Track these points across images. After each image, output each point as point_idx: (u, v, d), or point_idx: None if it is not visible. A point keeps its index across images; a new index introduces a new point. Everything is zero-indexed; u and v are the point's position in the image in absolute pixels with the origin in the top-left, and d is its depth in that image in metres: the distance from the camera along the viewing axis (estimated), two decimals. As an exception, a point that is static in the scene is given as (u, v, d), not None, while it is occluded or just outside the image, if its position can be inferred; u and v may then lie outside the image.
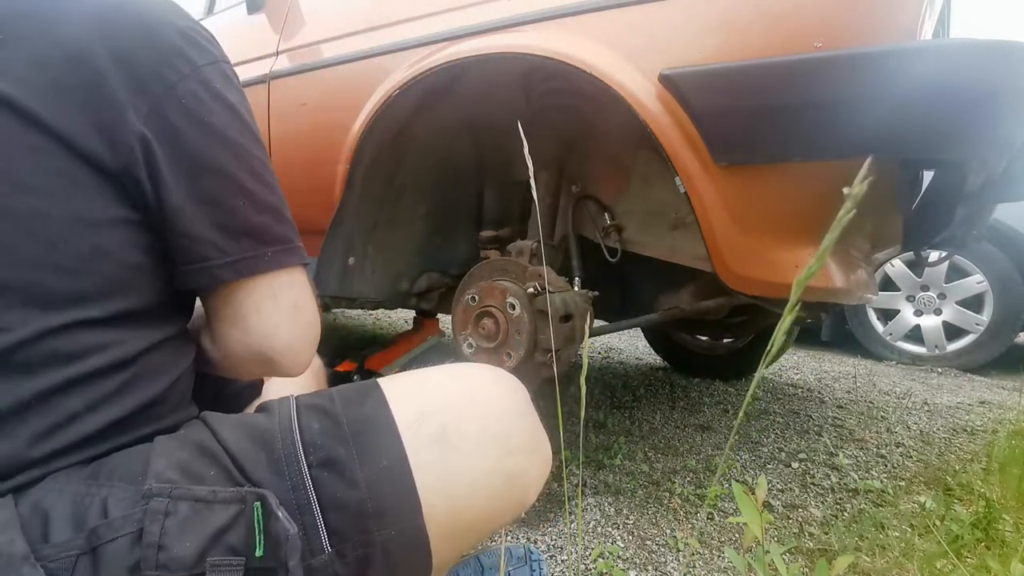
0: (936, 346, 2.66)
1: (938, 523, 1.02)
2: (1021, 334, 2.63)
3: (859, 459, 1.40)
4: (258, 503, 0.40)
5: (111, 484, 0.41)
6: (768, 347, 0.39)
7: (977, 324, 2.55)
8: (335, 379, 1.60)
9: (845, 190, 0.30)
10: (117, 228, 0.44)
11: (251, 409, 0.70)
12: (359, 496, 0.42)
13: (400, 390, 0.50)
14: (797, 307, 0.36)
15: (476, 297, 1.05)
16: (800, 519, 1.10)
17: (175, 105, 0.45)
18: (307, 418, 0.46)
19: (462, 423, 0.47)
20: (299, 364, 0.53)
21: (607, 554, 0.96)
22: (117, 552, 0.38)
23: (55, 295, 0.42)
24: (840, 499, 1.19)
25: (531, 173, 0.59)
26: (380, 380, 0.51)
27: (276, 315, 0.51)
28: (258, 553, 0.39)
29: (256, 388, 0.74)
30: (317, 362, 0.83)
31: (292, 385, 0.73)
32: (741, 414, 0.42)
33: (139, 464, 0.42)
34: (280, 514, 0.39)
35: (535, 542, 1.00)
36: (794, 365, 2.58)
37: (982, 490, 1.14)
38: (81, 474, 0.42)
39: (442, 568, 0.50)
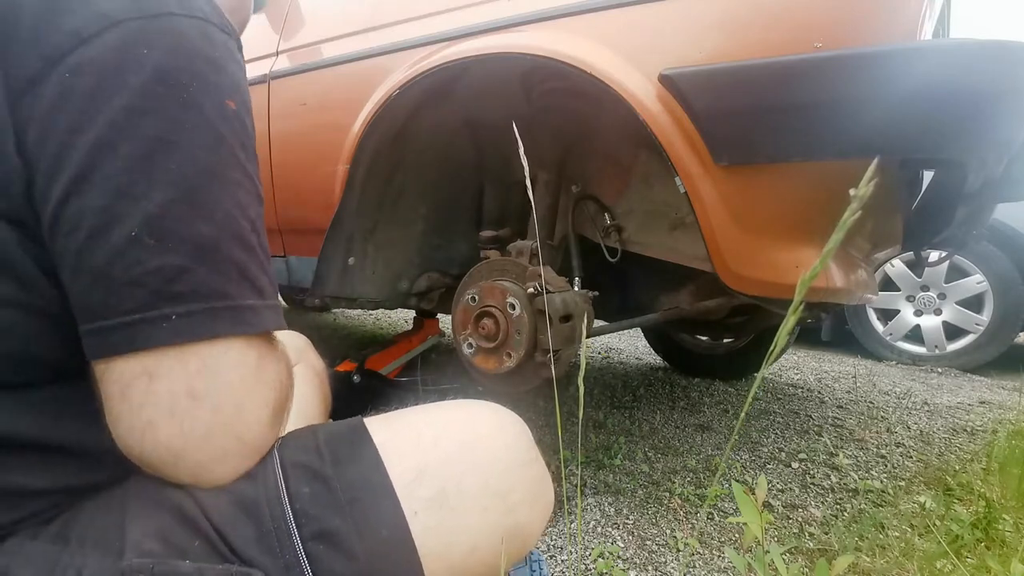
0: (936, 346, 2.66)
1: (938, 523, 1.02)
2: (1021, 334, 2.63)
3: (859, 459, 1.40)
4: None
5: (84, 552, 0.37)
6: (772, 346, 0.39)
7: (977, 324, 2.55)
8: (335, 380, 1.60)
9: (852, 191, 0.30)
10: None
11: None
12: (359, 570, 0.39)
13: (395, 442, 0.45)
14: (800, 307, 0.36)
15: (476, 297, 1.05)
16: (800, 519, 1.10)
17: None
18: (296, 482, 0.41)
19: (462, 481, 0.44)
20: (205, 479, 0.40)
21: (607, 554, 0.96)
22: None
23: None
24: (840, 499, 1.19)
25: (527, 173, 0.59)
26: (370, 426, 0.46)
27: (148, 407, 0.37)
28: None
29: None
30: (320, 365, 0.81)
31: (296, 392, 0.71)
32: (743, 414, 0.42)
33: (113, 527, 0.38)
34: None
35: (535, 542, 1.00)
36: (794, 365, 2.58)
37: (982, 490, 1.14)
38: (47, 533, 0.38)
39: None
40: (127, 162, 0.35)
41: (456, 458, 0.45)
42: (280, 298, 0.51)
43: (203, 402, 0.38)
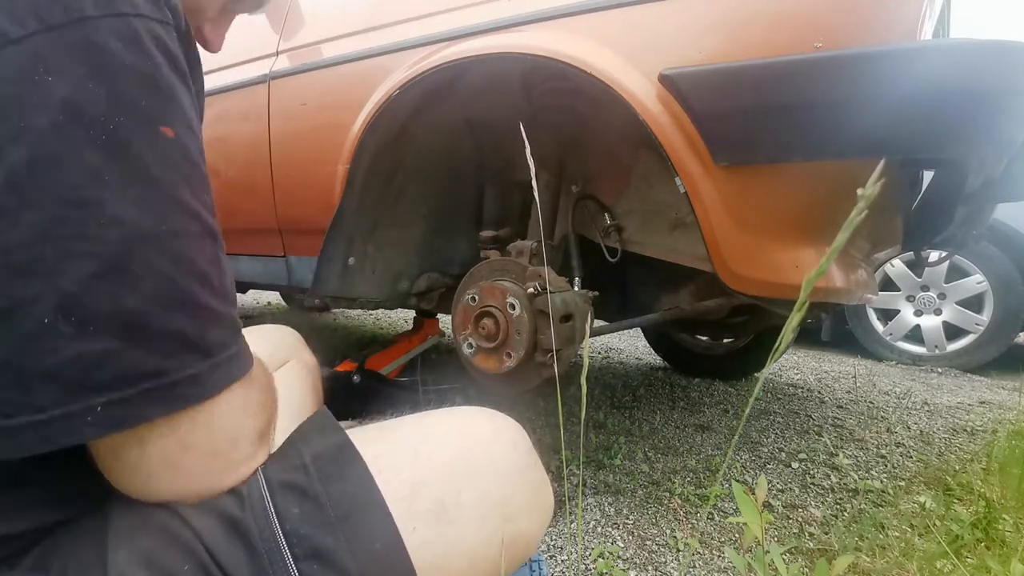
0: (936, 346, 2.66)
1: (938, 523, 1.02)
2: (1021, 334, 2.63)
3: (859, 459, 1.40)
4: None
5: None
6: (776, 345, 0.39)
7: (977, 324, 2.55)
8: (335, 379, 1.60)
9: (859, 191, 0.30)
10: None
11: None
12: None
13: (389, 457, 0.44)
14: (805, 306, 0.36)
15: (476, 297, 1.05)
16: (800, 519, 1.10)
17: None
18: (284, 502, 0.39)
19: (460, 493, 0.43)
20: (204, 496, 0.40)
21: (607, 554, 0.96)
22: None
23: None
24: (840, 499, 1.19)
25: (532, 173, 0.59)
26: (362, 439, 0.45)
27: (144, 467, 0.36)
28: None
29: None
30: (312, 361, 0.81)
31: (284, 390, 0.71)
32: (746, 414, 0.42)
33: (94, 555, 0.36)
34: None
35: (535, 542, 1.00)
36: (794, 365, 2.58)
37: (982, 490, 1.14)
38: (23, 565, 0.36)
39: None
40: (32, 233, 0.29)
41: (453, 469, 0.44)
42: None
43: (195, 450, 0.36)
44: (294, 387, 0.71)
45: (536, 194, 0.63)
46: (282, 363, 0.77)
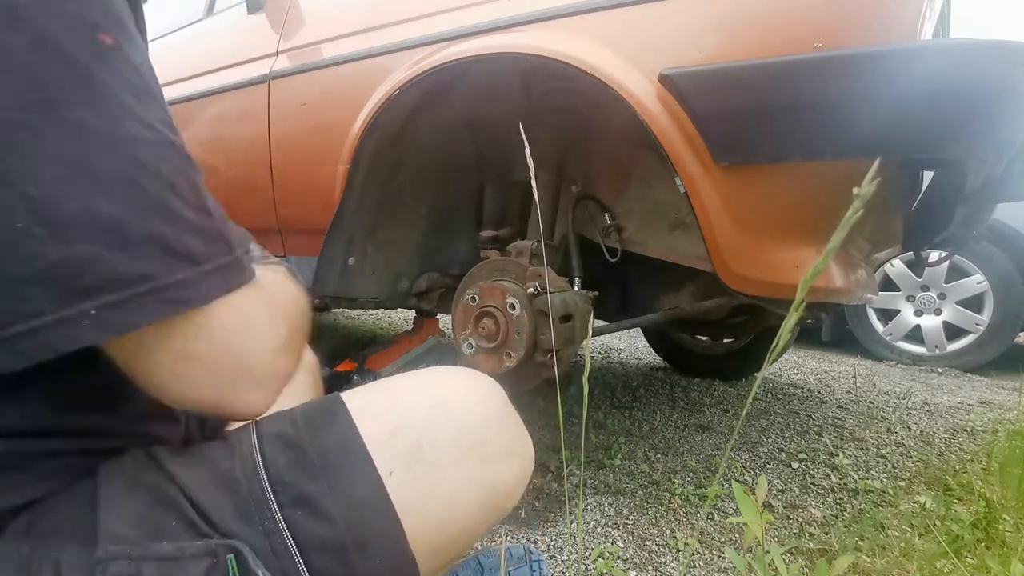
0: (936, 346, 2.66)
1: (938, 523, 1.02)
2: (1021, 334, 2.63)
3: (859, 459, 1.40)
4: (232, 556, 0.37)
5: (58, 545, 0.36)
6: (774, 344, 0.39)
7: (977, 324, 2.55)
8: (335, 379, 1.60)
9: (855, 190, 0.30)
10: None
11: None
12: (338, 531, 0.40)
13: (369, 405, 0.46)
14: (802, 306, 0.36)
15: (476, 297, 1.05)
16: (800, 519, 1.10)
17: None
18: (271, 451, 0.41)
19: (437, 436, 0.45)
20: (241, 414, 0.42)
21: (607, 554, 0.96)
22: None
23: None
24: (840, 499, 1.19)
25: (532, 173, 0.59)
26: (345, 395, 0.47)
27: (154, 377, 0.37)
28: None
29: None
30: (311, 359, 0.82)
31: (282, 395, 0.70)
32: (744, 413, 0.42)
33: (84, 516, 0.38)
34: (260, 573, 0.36)
35: (535, 542, 1.00)
36: (794, 365, 2.58)
37: (982, 490, 1.14)
38: (13, 530, 0.37)
39: None
40: None
41: (430, 415, 0.46)
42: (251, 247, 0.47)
43: (196, 361, 0.37)
44: (296, 382, 0.71)
45: (535, 194, 0.63)
46: None
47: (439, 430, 0.45)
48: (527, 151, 0.58)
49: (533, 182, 0.59)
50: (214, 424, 0.58)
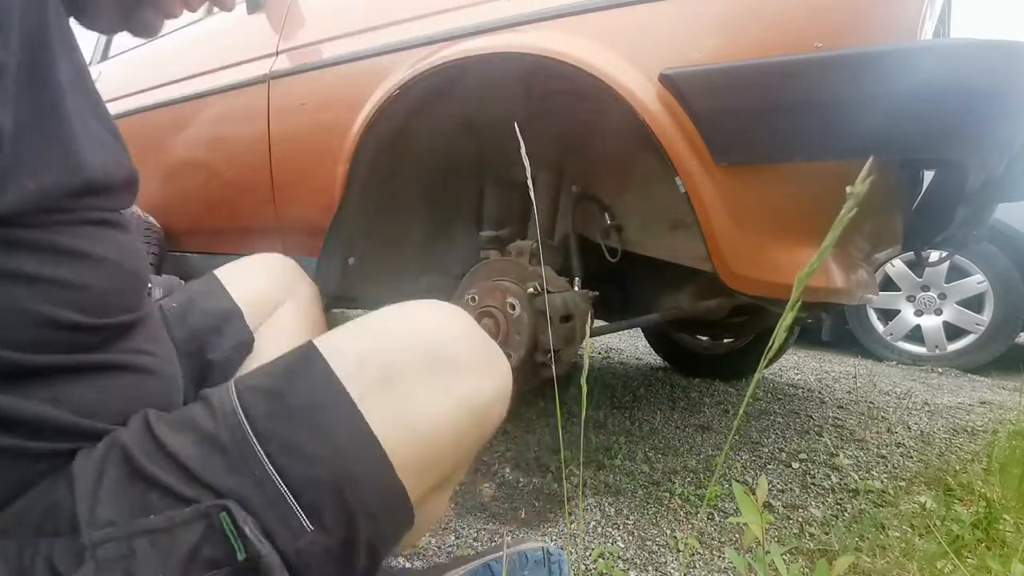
0: (936, 346, 2.66)
1: (939, 523, 1.02)
2: (1021, 334, 2.63)
3: (859, 459, 1.40)
4: (223, 513, 0.38)
5: (47, 540, 0.38)
6: (769, 344, 0.39)
7: (977, 324, 2.55)
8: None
9: (848, 189, 0.30)
10: None
11: (244, 369, 0.66)
12: (326, 470, 0.41)
13: (338, 341, 0.47)
14: (798, 305, 0.36)
15: (476, 297, 1.05)
16: (800, 519, 1.09)
17: None
18: (252, 404, 0.43)
19: (402, 357, 0.46)
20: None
21: (607, 554, 0.96)
22: None
23: None
24: (840, 499, 1.18)
25: (528, 173, 0.59)
26: (316, 339, 0.48)
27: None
28: (240, 557, 0.38)
29: (246, 346, 0.69)
30: (310, 291, 0.78)
31: (286, 338, 0.68)
32: (740, 412, 0.42)
33: (64, 506, 0.39)
34: (246, 530, 0.38)
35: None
36: (794, 365, 2.58)
37: (982, 490, 1.14)
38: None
39: (423, 500, 0.48)
40: None
41: (396, 338, 0.47)
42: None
43: None
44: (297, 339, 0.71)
45: (533, 194, 0.63)
46: (275, 304, 0.74)
47: (404, 352, 0.46)
48: (523, 150, 0.58)
49: (530, 182, 0.59)
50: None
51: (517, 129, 0.62)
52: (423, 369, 0.46)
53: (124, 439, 0.42)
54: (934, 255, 1.92)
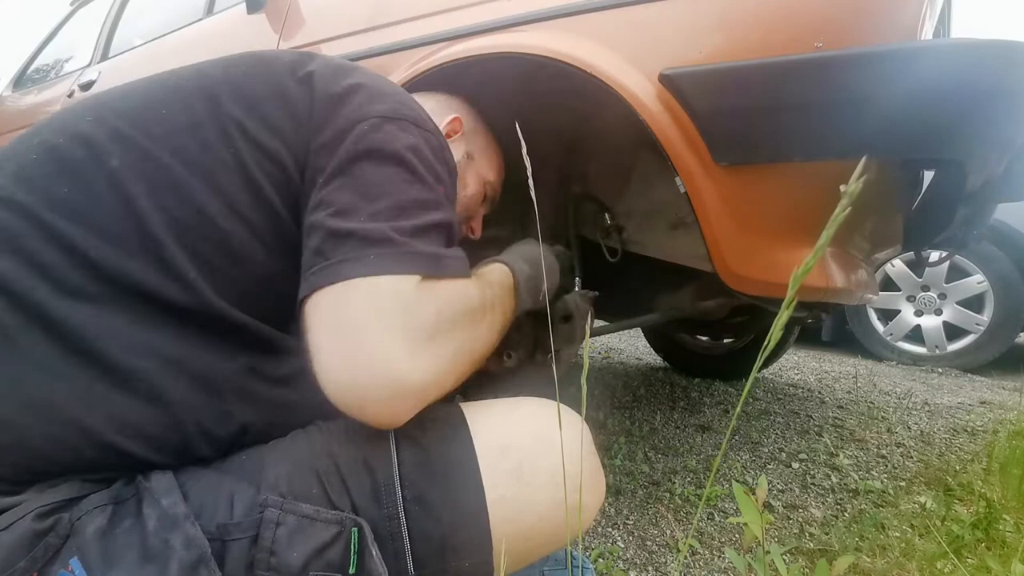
0: (936, 346, 2.66)
1: (939, 523, 1.02)
2: (1022, 334, 2.63)
3: (859, 459, 1.40)
4: (356, 529, 0.45)
5: (238, 483, 0.47)
6: (766, 342, 0.39)
7: (978, 324, 2.55)
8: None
9: (842, 187, 0.30)
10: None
11: None
12: (442, 532, 0.48)
13: (484, 423, 0.54)
14: (793, 303, 0.36)
15: (476, 297, 1.04)
16: (800, 519, 1.09)
17: None
18: (404, 451, 0.50)
19: (537, 461, 0.52)
20: (353, 407, 0.48)
21: (607, 554, 0.96)
22: (240, 550, 0.45)
23: None
24: (840, 499, 1.18)
25: (529, 173, 0.59)
26: (466, 409, 0.55)
27: (319, 333, 0.47)
28: (351, 571, 0.45)
29: None
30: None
31: None
32: (737, 411, 0.42)
33: (256, 468, 0.49)
34: (374, 552, 0.45)
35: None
36: (794, 365, 2.58)
37: (983, 490, 1.14)
38: (214, 465, 0.50)
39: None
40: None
41: (534, 441, 0.54)
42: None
43: (358, 327, 0.47)
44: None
45: (532, 194, 0.63)
46: None
47: (540, 457, 0.53)
48: (524, 151, 0.58)
49: (530, 181, 0.59)
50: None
51: (521, 129, 0.61)
52: (549, 476, 0.52)
53: (325, 429, 0.52)
54: (934, 255, 1.91)
